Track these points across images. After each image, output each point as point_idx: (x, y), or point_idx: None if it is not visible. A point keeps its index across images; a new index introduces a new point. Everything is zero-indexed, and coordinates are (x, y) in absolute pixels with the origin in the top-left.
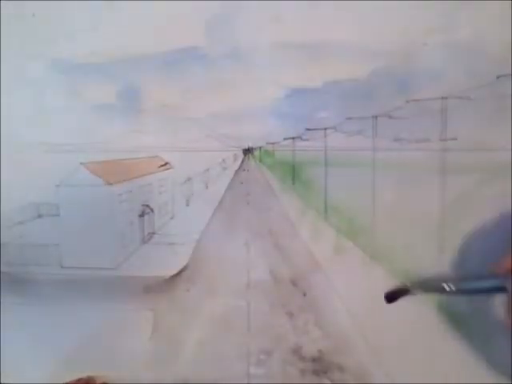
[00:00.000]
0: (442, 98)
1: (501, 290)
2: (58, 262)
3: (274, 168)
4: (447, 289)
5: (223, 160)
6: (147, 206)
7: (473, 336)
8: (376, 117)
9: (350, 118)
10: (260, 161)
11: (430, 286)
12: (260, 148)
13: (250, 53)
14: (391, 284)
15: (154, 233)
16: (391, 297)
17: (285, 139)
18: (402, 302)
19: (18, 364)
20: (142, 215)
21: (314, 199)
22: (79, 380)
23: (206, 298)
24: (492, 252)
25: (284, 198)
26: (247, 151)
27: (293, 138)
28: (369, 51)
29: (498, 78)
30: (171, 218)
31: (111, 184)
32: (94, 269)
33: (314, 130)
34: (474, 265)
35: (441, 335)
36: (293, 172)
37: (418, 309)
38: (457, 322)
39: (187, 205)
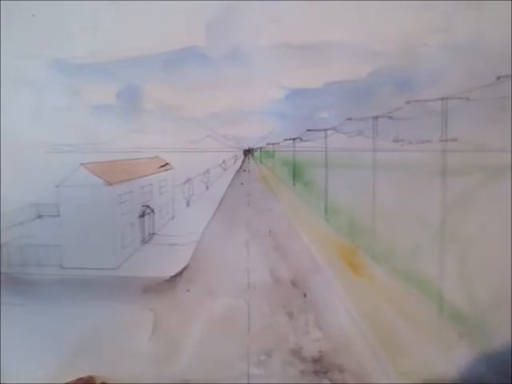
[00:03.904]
0: (443, 98)
1: None
2: (58, 262)
3: (274, 169)
4: None
5: (223, 161)
6: (148, 206)
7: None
8: (376, 117)
9: (350, 119)
10: (260, 161)
11: None
12: (260, 149)
13: (250, 53)
14: (393, 284)
15: (154, 233)
16: None
17: (285, 140)
18: (401, 302)
19: (18, 364)
20: (142, 216)
21: (315, 200)
22: (79, 379)
23: (206, 298)
24: None
25: (284, 198)
26: (247, 152)
27: (293, 139)
28: (369, 51)
29: (498, 78)
30: (172, 219)
31: (111, 184)
32: (94, 269)
33: (315, 130)
34: None
35: (441, 335)
36: (293, 173)
37: (418, 309)
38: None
39: (188, 205)
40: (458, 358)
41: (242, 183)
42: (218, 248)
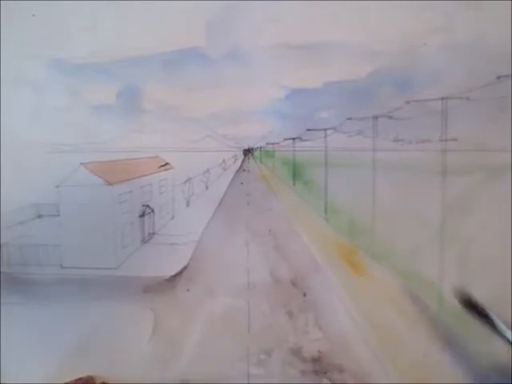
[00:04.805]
0: (442, 98)
1: None
2: (58, 262)
3: (274, 168)
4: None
5: (223, 160)
6: (147, 206)
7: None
8: (376, 117)
9: (350, 119)
10: (260, 161)
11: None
12: (260, 148)
13: (250, 53)
14: (393, 284)
15: (154, 233)
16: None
17: (285, 139)
18: (401, 302)
19: (18, 364)
20: (142, 215)
21: (315, 199)
22: (79, 379)
23: (206, 297)
24: None
25: (284, 198)
26: (247, 152)
27: (293, 139)
28: (369, 51)
29: (498, 78)
30: (171, 219)
31: (111, 184)
32: (94, 269)
33: (315, 130)
34: None
35: (440, 335)
36: (293, 172)
37: (418, 309)
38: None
39: (187, 205)
40: (458, 358)
41: (242, 183)
42: (218, 248)
